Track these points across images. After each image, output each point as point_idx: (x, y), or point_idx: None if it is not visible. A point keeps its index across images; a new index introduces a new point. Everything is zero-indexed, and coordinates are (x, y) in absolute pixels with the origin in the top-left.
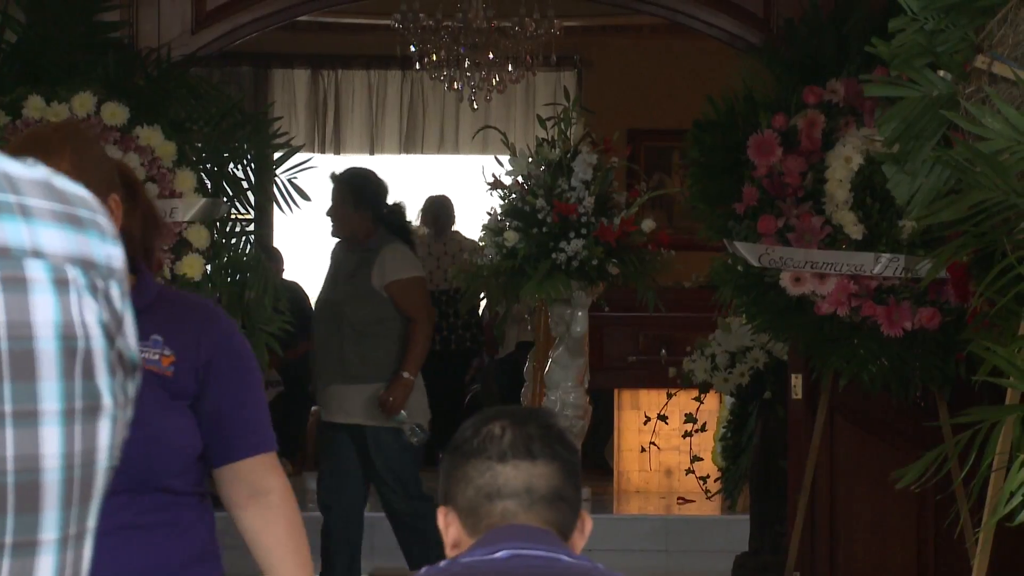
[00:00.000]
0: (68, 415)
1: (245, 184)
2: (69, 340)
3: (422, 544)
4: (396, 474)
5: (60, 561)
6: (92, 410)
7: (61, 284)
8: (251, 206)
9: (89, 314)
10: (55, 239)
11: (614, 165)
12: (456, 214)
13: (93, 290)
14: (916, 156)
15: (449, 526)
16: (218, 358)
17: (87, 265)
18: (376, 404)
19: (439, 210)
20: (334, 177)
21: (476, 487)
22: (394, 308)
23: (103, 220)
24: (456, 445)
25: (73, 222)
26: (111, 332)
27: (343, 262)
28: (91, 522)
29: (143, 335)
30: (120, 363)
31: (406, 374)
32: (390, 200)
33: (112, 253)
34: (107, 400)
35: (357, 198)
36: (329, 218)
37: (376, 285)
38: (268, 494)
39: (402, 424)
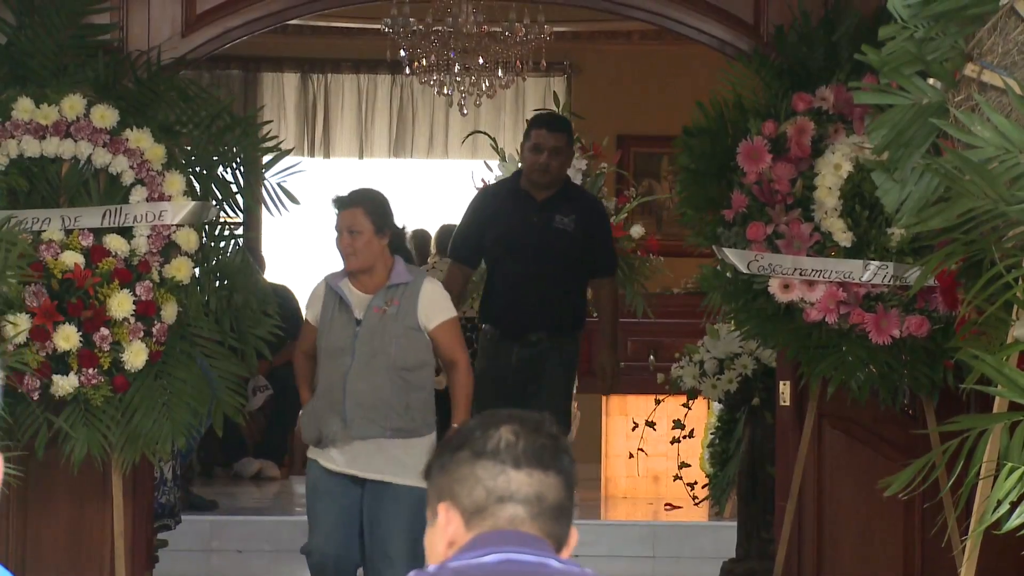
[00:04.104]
0: None
1: (234, 187)
2: None
3: None
4: (413, 537)
5: None
6: None
7: None
8: (240, 209)
9: None
10: None
11: (603, 171)
12: None
13: None
14: (905, 164)
15: (450, 523)
16: None
17: None
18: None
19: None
20: (356, 198)
21: (487, 488)
22: (432, 351)
23: None
24: (461, 444)
25: None
26: None
27: (353, 298)
28: None
29: None
30: None
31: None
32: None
33: None
34: None
35: (382, 221)
36: (346, 249)
37: (421, 325)
38: None
39: None
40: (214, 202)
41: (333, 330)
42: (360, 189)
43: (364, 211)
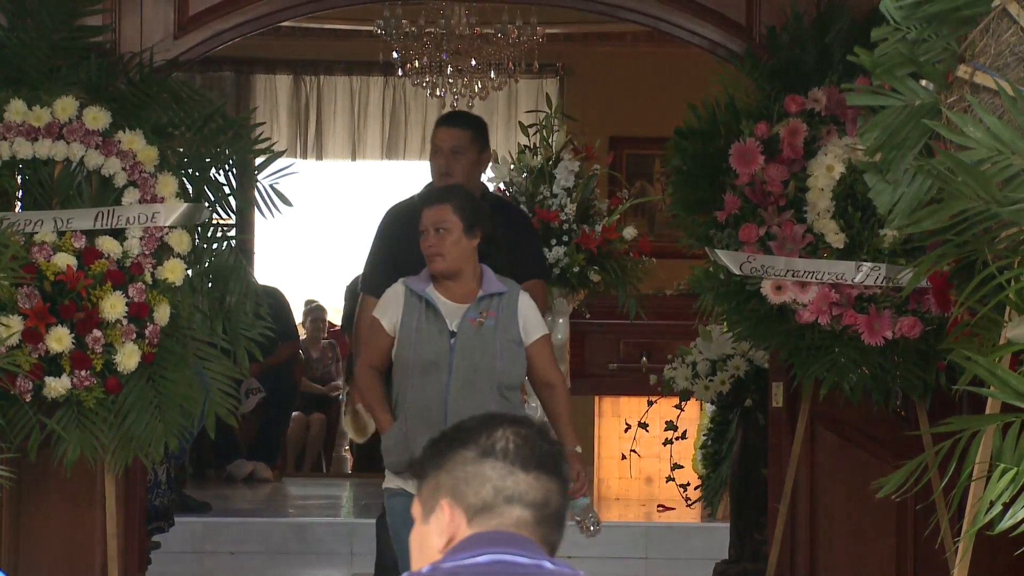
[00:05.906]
0: None
1: (227, 189)
2: None
3: None
4: None
5: None
6: None
7: None
8: (233, 211)
9: None
10: None
11: (596, 172)
12: None
13: None
14: (898, 165)
15: (453, 520)
16: None
17: None
18: None
19: None
20: (443, 194)
21: (495, 488)
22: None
23: None
24: (464, 442)
25: None
26: None
27: (444, 307)
28: None
29: None
30: None
31: (579, 448)
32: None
33: None
34: None
35: (473, 219)
36: (432, 248)
37: (523, 340)
38: None
39: (586, 511)
40: (207, 204)
41: (422, 342)
42: (446, 185)
43: (453, 207)
